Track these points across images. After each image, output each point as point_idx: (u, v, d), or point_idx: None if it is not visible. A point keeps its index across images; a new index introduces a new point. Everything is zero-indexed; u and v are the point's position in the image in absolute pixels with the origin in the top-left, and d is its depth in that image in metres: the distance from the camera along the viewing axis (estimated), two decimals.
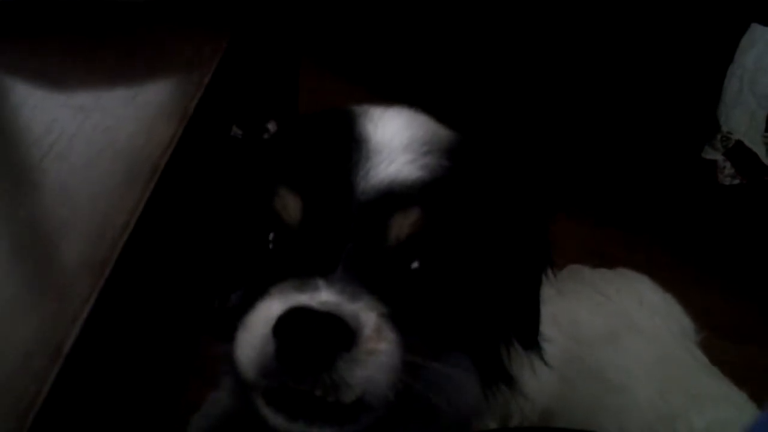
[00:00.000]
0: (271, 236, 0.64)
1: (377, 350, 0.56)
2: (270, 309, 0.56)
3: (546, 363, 0.76)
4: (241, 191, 0.68)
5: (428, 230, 0.61)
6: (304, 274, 0.58)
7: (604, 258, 1.49)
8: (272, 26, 1.00)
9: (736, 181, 1.81)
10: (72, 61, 0.79)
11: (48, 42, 0.80)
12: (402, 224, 0.60)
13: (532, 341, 0.74)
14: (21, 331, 0.52)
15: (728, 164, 1.83)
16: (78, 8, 0.82)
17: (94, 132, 0.69)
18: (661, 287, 1.39)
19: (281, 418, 0.59)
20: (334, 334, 0.54)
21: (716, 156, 1.83)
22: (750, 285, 1.77)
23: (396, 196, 0.61)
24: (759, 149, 1.79)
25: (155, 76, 0.77)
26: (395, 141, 0.64)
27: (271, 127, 1.00)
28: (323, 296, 0.56)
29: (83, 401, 0.56)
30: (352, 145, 0.63)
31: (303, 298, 0.56)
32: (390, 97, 0.75)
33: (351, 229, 0.59)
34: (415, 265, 0.62)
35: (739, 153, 1.81)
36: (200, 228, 0.73)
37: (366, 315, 0.56)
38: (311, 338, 0.54)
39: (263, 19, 0.93)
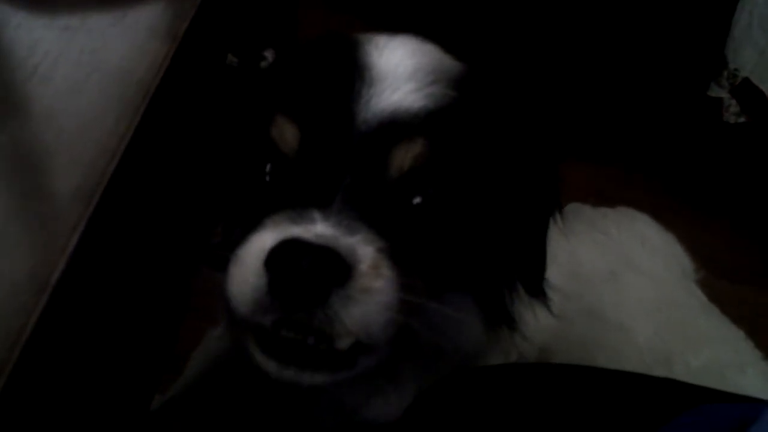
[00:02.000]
0: (268, 167, 0.61)
1: (373, 287, 0.54)
2: (263, 241, 0.54)
3: (551, 311, 0.74)
4: (238, 120, 0.65)
5: (432, 163, 0.58)
6: (300, 206, 0.55)
7: (605, 196, 1.47)
8: None
9: (742, 120, 1.78)
10: None
11: None
12: (405, 156, 0.57)
13: (537, 288, 0.72)
14: (6, 263, 0.49)
15: (734, 102, 1.80)
16: None
17: (80, 54, 0.65)
18: (662, 226, 1.38)
19: (273, 363, 0.57)
20: (328, 268, 0.52)
21: (722, 94, 1.80)
22: (752, 225, 1.76)
23: (399, 126, 0.57)
24: (766, 87, 1.76)
25: None
26: (399, 69, 0.60)
27: (269, 55, 0.96)
28: (319, 228, 0.54)
29: (72, 335, 0.54)
30: (354, 73, 0.59)
31: (297, 230, 0.53)
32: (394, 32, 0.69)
33: (350, 160, 0.57)
34: (417, 200, 0.59)
35: (745, 91, 1.78)
36: (197, 159, 0.70)
37: (363, 249, 0.54)
38: (304, 271, 0.51)
39: None
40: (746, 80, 1.77)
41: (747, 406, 0.39)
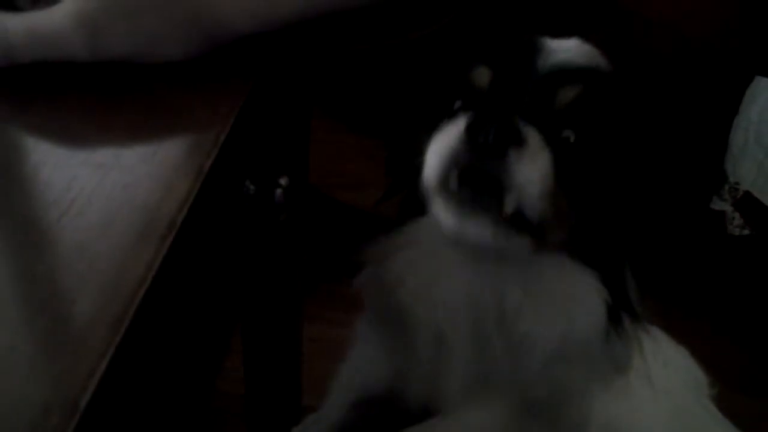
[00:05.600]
0: (457, 103, 0.82)
1: (538, 156, 0.75)
2: (461, 121, 0.75)
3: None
4: (438, 74, 0.89)
5: (584, 106, 0.81)
6: None
7: None
8: (286, 84, 1.02)
9: (746, 232, 1.81)
10: (93, 119, 0.81)
11: (70, 101, 0.82)
12: (567, 94, 0.80)
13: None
14: (38, 387, 0.52)
15: (737, 215, 1.83)
16: (99, 69, 0.84)
17: (112, 189, 0.70)
18: (672, 340, 1.38)
19: (455, 216, 0.77)
20: (510, 132, 0.74)
21: (725, 207, 1.84)
22: (762, 337, 1.75)
23: (565, 74, 0.82)
24: (767, 199, 1.80)
25: (173, 134, 0.79)
26: (568, 44, 0.85)
27: (284, 182, 1.01)
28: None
29: None
30: (533, 44, 0.84)
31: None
32: None
33: (527, 92, 0.79)
34: (570, 137, 0.80)
35: (747, 203, 1.82)
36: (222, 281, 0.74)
37: (533, 135, 0.75)
38: (494, 129, 0.73)
39: (278, 78, 0.95)
40: (747, 193, 1.81)
41: None
